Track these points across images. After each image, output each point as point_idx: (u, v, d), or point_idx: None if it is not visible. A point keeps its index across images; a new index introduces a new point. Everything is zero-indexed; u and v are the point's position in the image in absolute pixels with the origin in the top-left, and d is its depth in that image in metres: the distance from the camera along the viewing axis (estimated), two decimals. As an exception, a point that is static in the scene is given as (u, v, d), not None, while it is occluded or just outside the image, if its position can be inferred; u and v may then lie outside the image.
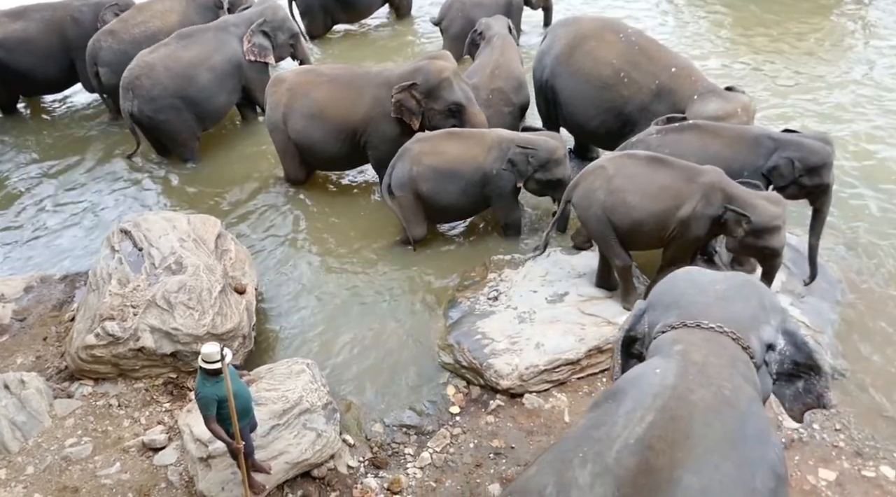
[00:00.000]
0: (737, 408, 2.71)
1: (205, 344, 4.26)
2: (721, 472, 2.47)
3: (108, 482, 4.86)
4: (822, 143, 5.79)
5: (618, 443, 2.61)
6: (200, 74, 8.31)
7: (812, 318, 5.79)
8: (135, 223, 6.34)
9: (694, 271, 3.50)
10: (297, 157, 7.84)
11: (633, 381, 2.94)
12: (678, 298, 3.24)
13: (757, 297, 3.24)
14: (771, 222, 5.33)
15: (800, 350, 3.22)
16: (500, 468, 4.99)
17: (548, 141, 6.77)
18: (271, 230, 7.58)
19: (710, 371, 2.82)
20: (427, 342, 6.08)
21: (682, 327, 3.06)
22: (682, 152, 5.84)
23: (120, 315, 5.56)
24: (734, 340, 3.00)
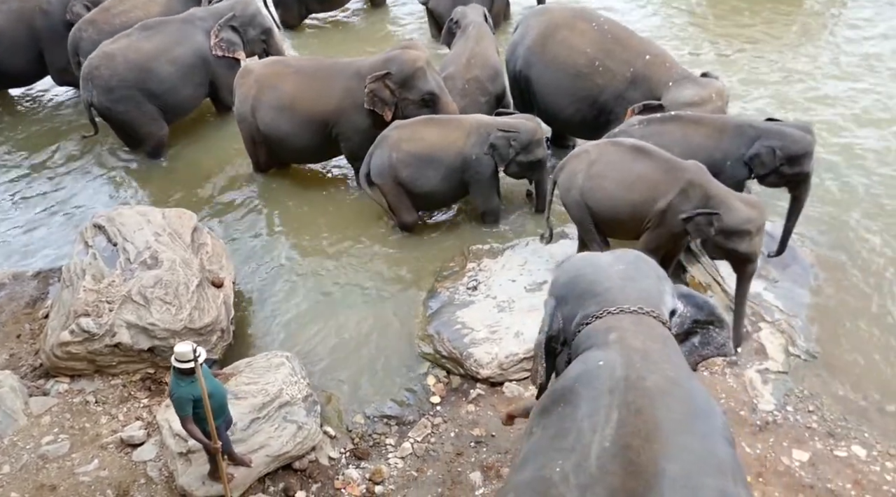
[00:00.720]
0: (683, 386, 2.74)
1: (178, 343, 4.23)
2: (693, 453, 2.49)
3: (86, 479, 4.82)
4: (803, 132, 5.82)
5: (594, 449, 2.53)
6: (161, 66, 8.15)
7: (785, 303, 5.89)
8: (108, 218, 6.26)
9: (587, 258, 3.49)
10: (264, 148, 7.77)
11: (580, 378, 2.85)
12: (589, 287, 3.21)
13: (652, 270, 3.31)
14: (742, 225, 5.29)
15: (701, 309, 3.34)
16: (481, 456, 5.03)
17: (526, 123, 6.83)
18: (248, 223, 7.52)
19: (653, 356, 2.82)
20: (407, 333, 6.09)
21: (607, 315, 3.04)
22: (664, 143, 5.87)
23: (95, 311, 5.50)
24: (655, 318, 3.04)
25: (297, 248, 7.14)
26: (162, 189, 8.09)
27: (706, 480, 2.41)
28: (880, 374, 5.41)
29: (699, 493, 2.36)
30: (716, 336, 3.40)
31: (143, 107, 8.14)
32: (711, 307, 3.39)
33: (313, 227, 7.38)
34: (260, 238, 7.31)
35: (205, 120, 9.16)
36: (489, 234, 7.06)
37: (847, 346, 5.65)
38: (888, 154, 7.71)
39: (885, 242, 6.53)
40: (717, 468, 2.49)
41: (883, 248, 6.47)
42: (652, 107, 6.51)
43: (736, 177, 5.93)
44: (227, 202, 7.83)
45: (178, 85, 8.32)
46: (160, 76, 8.15)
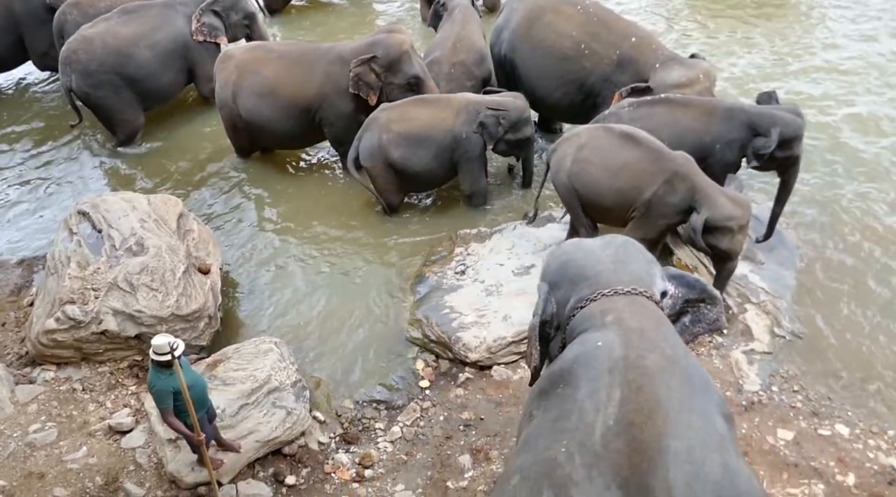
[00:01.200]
0: (680, 364, 2.77)
1: (155, 336, 4.19)
2: (694, 429, 2.53)
3: (74, 467, 4.81)
4: (794, 115, 5.80)
5: (598, 428, 2.55)
6: (140, 52, 8.05)
7: (771, 285, 5.93)
8: (93, 204, 6.20)
9: (577, 243, 3.52)
10: (246, 134, 7.72)
11: (578, 359, 2.87)
12: (581, 271, 3.24)
13: (641, 253, 3.36)
14: (724, 222, 5.25)
15: (693, 287, 3.39)
16: (470, 439, 5.05)
17: (514, 101, 6.87)
18: (235, 209, 7.48)
19: (649, 335, 2.86)
20: (395, 318, 6.09)
21: (602, 297, 3.07)
22: (653, 126, 5.87)
23: (81, 298, 5.46)
24: (648, 299, 3.08)
25: (284, 233, 7.11)
26: (146, 175, 8.02)
27: (709, 455, 2.45)
28: (863, 353, 5.47)
29: (703, 467, 2.40)
30: (707, 313, 3.44)
31: (121, 92, 8.04)
32: (703, 285, 3.43)
33: (300, 212, 7.35)
34: (246, 224, 7.27)
35: (188, 105, 9.09)
36: (477, 218, 7.06)
37: (831, 326, 5.70)
38: (874, 136, 7.76)
39: (869, 225, 6.58)
40: (718, 443, 2.54)
41: (868, 231, 6.53)
42: (639, 89, 6.50)
43: (726, 160, 5.93)
44: (212, 188, 7.78)
45: (157, 70, 8.21)
46: (139, 61, 8.05)
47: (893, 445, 4.81)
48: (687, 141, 5.85)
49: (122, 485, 4.70)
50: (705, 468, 2.40)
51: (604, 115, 6.30)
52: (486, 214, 7.12)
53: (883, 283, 6.03)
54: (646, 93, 6.47)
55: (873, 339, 5.59)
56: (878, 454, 4.74)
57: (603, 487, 2.41)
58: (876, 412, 5.04)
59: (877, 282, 6.05)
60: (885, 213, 6.71)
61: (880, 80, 8.69)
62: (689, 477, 2.36)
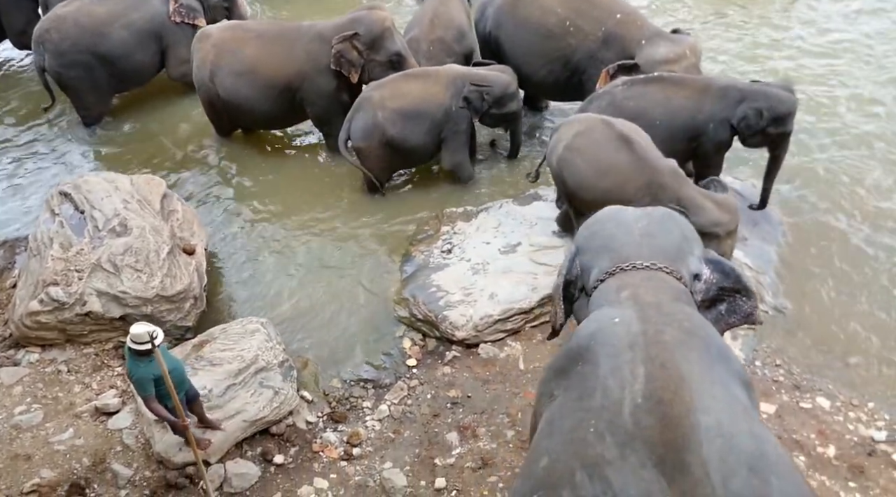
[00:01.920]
0: (699, 336, 2.77)
1: (134, 324, 4.16)
2: (720, 401, 2.53)
3: (61, 448, 4.80)
4: (787, 91, 5.80)
5: (626, 406, 2.51)
6: (114, 32, 7.89)
7: (754, 260, 5.97)
8: (75, 185, 6.13)
9: (617, 210, 3.50)
10: (225, 114, 7.63)
11: (596, 336, 2.84)
12: (607, 241, 3.25)
13: (679, 229, 3.31)
14: (710, 227, 5.10)
15: (728, 276, 3.31)
16: (457, 417, 5.09)
17: (500, 76, 6.84)
18: (219, 190, 7.42)
19: (666, 309, 2.85)
20: (382, 297, 6.09)
21: (620, 272, 3.07)
22: (646, 104, 5.86)
23: (64, 280, 5.42)
24: (669, 274, 3.05)
25: (269, 213, 7.06)
26: (128, 156, 7.93)
27: (737, 427, 2.45)
28: (844, 328, 5.55)
29: (734, 440, 2.39)
30: (742, 305, 3.36)
31: (93, 73, 7.90)
32: (738, 275, 3.34)
33: (285, 192, 7.30)
34: (231, 204, 7.22)
35: (170, 85, 8.93)
36: (463, 196, 7.04)
37: (814, 301, 5.77)
38: (859, 111, 7.80)
39: (854, 201, 6.63)
40: (743, 413, 2.55)
41: (852, 207, 6.58)
42: (627, 66, 6.48)
43: (718, 138, 5.94)
44: (195, 168, 7.71)
45: (132, 51, 8.05)
46: (113, 42, 7.89)
47: (873, 417, 4.90)
48: (679, 119, 5.84)
49: (109, 466, 4.70)
50: (735, 440, 2.40)
51: (598, 93, 6.25)
52: (472, 193, 7.10)
53: (866, 259, 6.09)
54: (633, 70, 6.45)
55: (855, 314, 5.66)
56: (857, 426, 4.83)
57: (638, 465, 2.37)
58: (856, 385, 5.12)
59: (860, 257, 6.11)
60: (869, 189, 6.77)
61: (864, 58, 8.72)
62: (722, 451, 2.35)
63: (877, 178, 6.88)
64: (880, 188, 6.78)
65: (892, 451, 4.66)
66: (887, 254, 6.13)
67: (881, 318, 5.61)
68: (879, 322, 5.58)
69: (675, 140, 5.92)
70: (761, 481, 2.29)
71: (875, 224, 6.42)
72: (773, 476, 2.32)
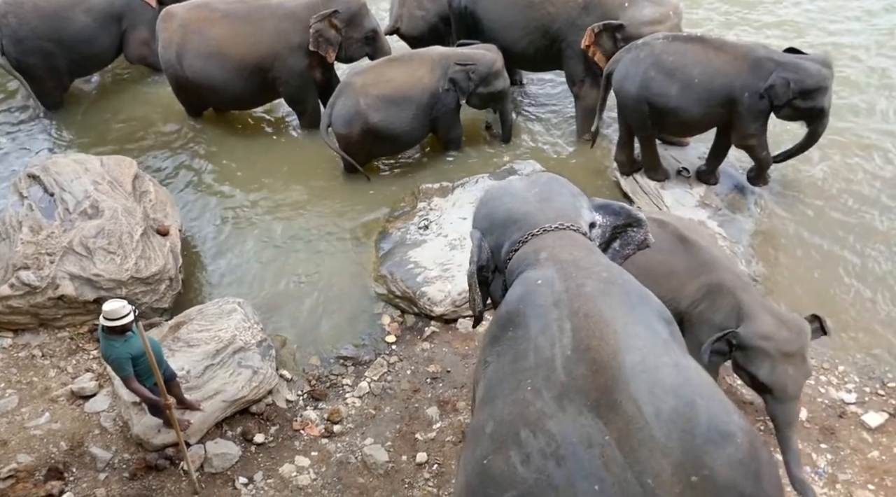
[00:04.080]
0: (616, 283, 2.92)
1: (106, 301, 4.13)
2: (642, 339, 2.67)
3: (38, 433, 4.76)
4: (820, 65, 5.64)
5: (558, 360, 2.64)
6: (75, 17, 7.69)
7: (728, 230, 6.04)
8: (43, 167, 6.01)
9: (504, 185, 3.63)
10: (193, 95, 7.52)
11: (523, 300, 2.94)
12: (509, 214, 3.34)
13: (566, 188, 3.47)
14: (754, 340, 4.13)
15: (619, 214, 3.51)
16: (437, 392, 5.12)
17: (485, 54, 6.80)
18: (191, 170, 7.33)
19: (583, 263, 2.97)
20: (360, 274, 6.08)
21: (532, 237, 3.18)
22: (685, 62, 5.85)
23: (35, 264, 5.33)
24: (575, 231, 3.21)
25: (243, 193, 6.99)
26: (97, 137, 7.79)
27: (660, 360, 2.60)
28: (817, 295, 5.64)
29: (658, 373, 2.54)
30: (634, 235, 3.56)
31: (52, 60, 7.72)
32: (627, 210, 3.54)
33: (259, 171, 7.23)
34: (204, 185, 7.13)
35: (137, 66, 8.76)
36: (439, 172, 7.03)
37: (787, 269, 5.86)
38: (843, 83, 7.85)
39: (827, 170, 6.71)
40: (664, 347, 2.70)
41: (823, 177, 6.66)
42: (612, 27, 6.46)
43: (753, 108, 5.83)
44: (166, 149, 7.60)
45: (94, 37, 7.85)
46: (75, 27, 7.70)
47: (843, 381, 5.01)
48: (716, 83, 5.81)
49: (87, 449, 4.67)
50: (660, 373, 2.55)
51: (636, 43, 6.17)
52: (448, 169, 7.08)
53: (839, 226, 6.19)
54: (618, 30, 6.45)
55: (828, 280, 5.76)
56: (828, 389, 4.94)
57: (576, 414, 2.50)
58: (827, 350, 5.21)
59: (833, 225, 6.21)
60: (841, 159, 6.85)
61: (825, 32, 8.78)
62: (648, 385, 2.50)
63: (850, 146, 6.96)
64: (852, 158, 6.86)
65: (862, 413, 4.78)
66: (859, 221, 6.22)
67: (853, 285, 5.71)
68: (851, 289, 5.68)
69: (711, 102, 5.88)
70: (687, 404, 2.46)
71: (850, 191, 6.50)
72: (698, 397, 2.50)
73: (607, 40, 6.55)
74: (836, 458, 4.53)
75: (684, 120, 6.05)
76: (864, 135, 7.14)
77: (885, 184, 6.58)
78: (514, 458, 2.52)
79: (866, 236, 6.09)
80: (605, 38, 6.53)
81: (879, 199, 6.42)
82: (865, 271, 5.81)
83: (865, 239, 6.06)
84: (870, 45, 8.43)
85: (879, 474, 4.42)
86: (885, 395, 4.91)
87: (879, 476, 4.42)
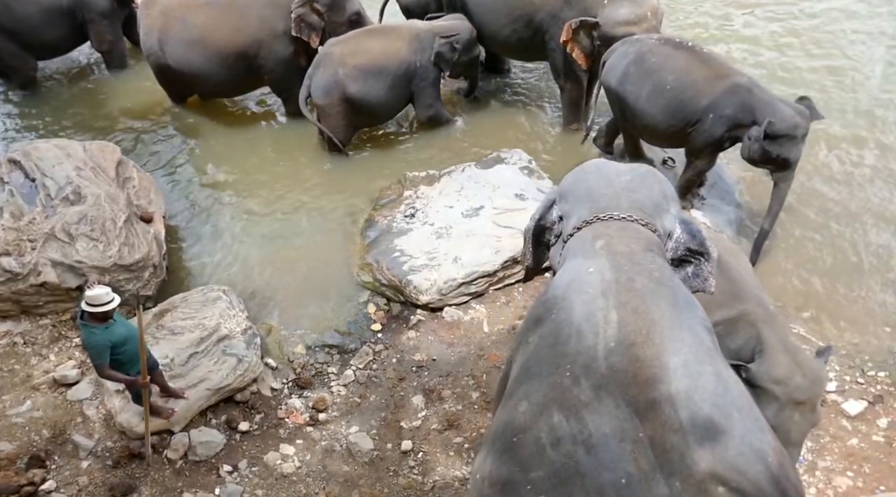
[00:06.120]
0: (667, 285, 2.86)
1: (89, 288, 4.10)
2: (687, 344, 2.65)
3: (19, 421, 4.72)
4: (798, 113, 5.33)
5: (600, 350, 2.61)
6: (19, 5, 7.56)
7: (712, 219, 6.08)
8: (24, 152, 5.91)
9: (601, 163, 3.55)
10: (176, 82, 7.45)
11: (571, 286, 2.92)
12: (589, 191, 3.28)
13: (659, 186, 3.35)
14: (764, 381, 3.94)
15: (694, 237, 3.36)
16: (422, 380, 5.12)
17: (461, 24, 7.03)
18: (175, 156, 7.26)
19: (637, 258, 2.93)
20: (345, 263, 6.06)
21: (597, 221, 3.12)
22: (664, 66, 5.78)
23: (16, 250, 5.27)
24: (644, 226, 3.11)
25: (228, 180, 6.94)
26: (78, 122, 7.70)
27: (703, 367, 2.59)
28: (800, 283, 5.71)
29: (699, 379, 2.53)
30: (703, 269, 3.38)
31: (6, 42, 7.63)
32: (703, 238, 3.36)
33: (244, 158, 7.18)
34: (188, 171, 7.08)
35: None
36: (425, 161, 7.00)
37: (770, 257, 5.90)
38: (820, 73, 7.90)
39: (808, 159, 6.72)
40: (707, 355, 2.68)
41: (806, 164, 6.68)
42: (589, 24, 6.45)
43: (712, 134, 5.63)
44: (150, 134, 7.53)
45: (41, 25, 7.72)
46: (20, 15, 7.58)
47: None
48: (686, 96, 5.67)
49: (69, 437, 4.64)
50: (701, 379, 2.54)
51: (630, 38, 6.14)
52: (434, 157, 7.06)
53: (821, 215, 6.25)
54: (595, 28, 6.44)
55: (810, 269, 5.82)
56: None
57: (613, 406, 2.49)
58: (809, 338, 5.27)
59: (815, 214, 6.26)
60: (823, 148, 6.89)
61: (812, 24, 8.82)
62: (688, 389, 2.49)
63: (831, 136, 7.01)
64: (835, 148, 6.91)
65: (842, 401, 4.84)
66: (841, 212, 6.28)
67: (835, 275, 5.77)
68: (833, 279, 5.74)
69: (676, 114, 5.74)
70: (724, 415, 2.45)
71: (832, 181, 6.56)
72: (735, 410, 2.50)
73: (584, 37, 6.54)
74: (816, 445, 4.59)
75: (648, 124, 5.96)
76: (847, 126, 7.19)
77: (864, 175, 6.63)
78: (544, 440, 2.53)
79: (848, 227, 6.15)
80: (583, 34, 6.53)
81: (861, 191, 6.48)
82: (846, 261, 5.87)
83: (847, 229, 6.12)
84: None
85: (858, 461, 4.49)
86: (864, 384, 4.98)
87: (858, 463, 4.48)
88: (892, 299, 5.57)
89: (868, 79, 7.86)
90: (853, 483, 4.38)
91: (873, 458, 4.51)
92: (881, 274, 5.76)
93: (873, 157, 6.84)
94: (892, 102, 7.49)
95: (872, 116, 7.31)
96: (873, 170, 6.69)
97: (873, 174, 6.65)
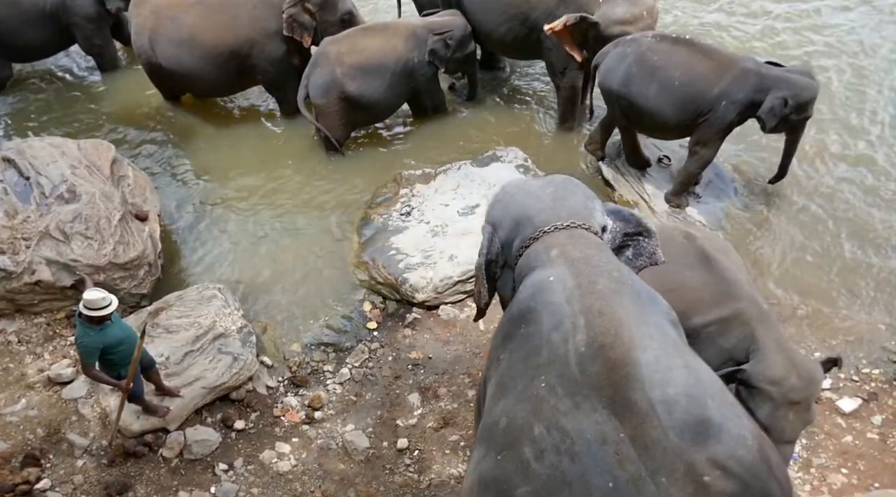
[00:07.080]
0: (627, 283, 2.92)
1: (87, 290, 4.12)
2: (655, 340, 2.69)
3: (14, 420, 4.71)
4: (808, 78, 5.66)
5: (572, 356, 2.64)
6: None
7: (707, 217, 6.10)
8: (18, 150, 5.90)
9: (520, 183, 3.63)
10: (168, 81, 7.43)
11: (535, 297, 2.95)
12: (523, 211, 3.33)
13: (580, 189, 3.46)
14: (760, 381, 3.94)
15: (629, 221, 3.48)
16: (418, 378, 5.12)
17: (455, 19, 7.02)
18: (170, 155, 7.24)
19: (594, 261, 2.98)
20: (341, 261, 6.06)
21: (543, 234, 3.17)
22: (668, 63, 5.80)
23: (11, 248, 5.25)
24: (587, 230, 3.19)
25: (223, 178, 6.93)
26: (73, 121, 7.67)
27: (672, 360, 2.63)
28: (795, 280, 5.72)
29: (671, 372, 2.57)
30: (646, 245, 3.50)
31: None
32: (638, 218, 3.50)
33: (239, 157, 7.17)
34: (183, 170, 7.06)
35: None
36: (421, 159, 7.00)
37: (766, 254, 5.92)
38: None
39: (802, 156, 6.76)
40: (675, 348, 2.74)
41: (801, 161, 6.71)
42: (588, 23, 6.44)
43: (727, 118, 5.78)
44: (144, 133, 7.51)
45: (20, 29, 7.68)
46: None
47: (819, 367, 5.07)
48: (695, 88, 5.74)
49: (65, 436, 4.64)
50: (673, 373, 2.57)
51: (626, 38, 6.14)
52: (430, 155, 7.06)
53: (817, 213, 6.25)
54: (593, 28, 6.43)
55: (804, 268, 5.82)
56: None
57: (590, 410, 2.51)
58: (803, 335, 5.29)
59: (809, 213, 6.26)
60: (815, 145, 6.89)
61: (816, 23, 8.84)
62: (662, 383, 2.52)
63: (825, 134, 7.02)
64: (827, 149, 6.92)
65: (836, 399, 4.86)
66: (836, 209, 6.29)
67: (828, 272, 5.78)
68: (826, 277, 5.75)
69: (687, 107, 5.81)
70: (700, 405, 2.49)
71: (826, 178, 6.57)
72: (710, 399, 2.54)
73: (578, 35, 6.52)
74: (810, 442, 4.61)
75: (658, 122, 6.00)
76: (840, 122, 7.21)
77: (857, 171, 6.65)
78: (527, 454, 2.53)
79: (842, 224, 6.16)
80: (577, 32, 6.50)
81: (855, 187, 6.49)
82: (841, 259, 5.88)
83: (841, 227, 6.14)
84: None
85: (853, 459, 4.51)
86: (859, 381, 5.00)
87: (853, 460, 4.50)
88: (886, 297, 5.58)
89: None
90: (847, 480, 4.39)
91: (868, 455, 4.53)
92: (876, 271, 5.77)
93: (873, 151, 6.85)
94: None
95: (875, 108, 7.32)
96: (872, 169, 6.70)
97: (872, 174, 6.65)
